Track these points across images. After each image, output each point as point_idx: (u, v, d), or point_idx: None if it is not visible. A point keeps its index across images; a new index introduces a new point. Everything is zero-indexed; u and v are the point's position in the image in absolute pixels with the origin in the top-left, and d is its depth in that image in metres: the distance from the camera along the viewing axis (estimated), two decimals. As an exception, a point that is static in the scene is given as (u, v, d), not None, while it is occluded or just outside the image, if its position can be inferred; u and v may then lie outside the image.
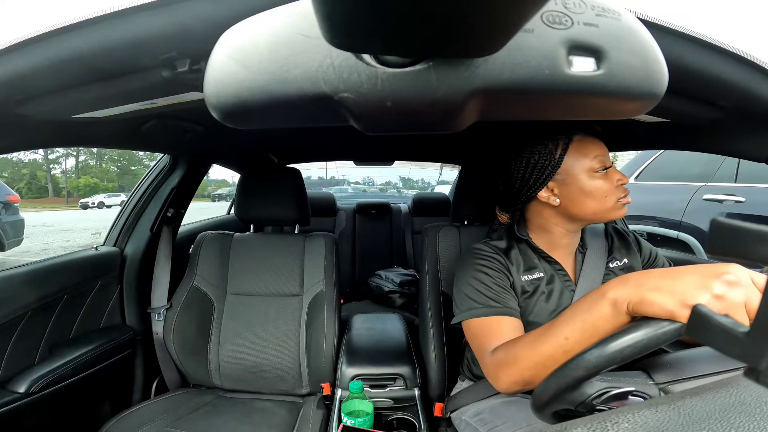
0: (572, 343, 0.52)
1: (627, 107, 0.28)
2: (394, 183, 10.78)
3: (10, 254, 4.60)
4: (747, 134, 0.64)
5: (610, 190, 0.70)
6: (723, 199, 2.47)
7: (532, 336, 0.58)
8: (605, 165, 0.71)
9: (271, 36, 0.26)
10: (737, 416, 0.21)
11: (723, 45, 0.48)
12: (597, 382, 0.46)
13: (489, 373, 0.64)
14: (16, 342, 0.89)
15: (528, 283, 0.75)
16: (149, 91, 0.57)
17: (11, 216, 4.30)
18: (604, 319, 0.48)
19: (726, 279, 0.40)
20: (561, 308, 0.73)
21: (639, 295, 0.44)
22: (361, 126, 0.29)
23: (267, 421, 0.98)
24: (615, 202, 0.70)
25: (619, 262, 0.79)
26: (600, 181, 0.70)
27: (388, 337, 1.16)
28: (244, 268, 1.20)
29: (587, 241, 0.79)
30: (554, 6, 0.25)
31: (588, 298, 0.51)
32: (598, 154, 0.71)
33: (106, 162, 16.10)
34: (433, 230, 1.07)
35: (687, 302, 0.39)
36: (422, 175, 11.03)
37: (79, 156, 15.59)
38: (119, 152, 19.40)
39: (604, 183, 0.70)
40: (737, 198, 2.40)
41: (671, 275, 0.43)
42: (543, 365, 0.55)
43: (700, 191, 2.63)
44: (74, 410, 1.01)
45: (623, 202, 0.71)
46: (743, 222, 0.25)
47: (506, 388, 0.60)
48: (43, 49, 0.46)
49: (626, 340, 0.41)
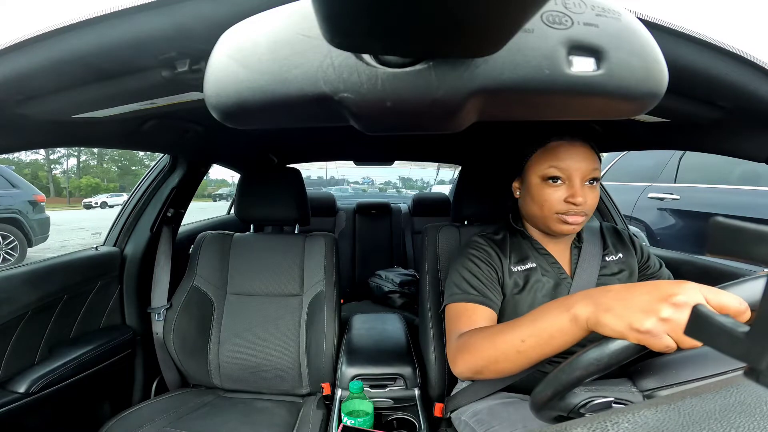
0: (527, 347, 0.53)
1: (627, 107, 0.28)
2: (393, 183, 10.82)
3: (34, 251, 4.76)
4: (747, 134, 0.64)
5: (551, 202, 0.70)
6: (663, 197, 2.84)
7: (495, 330, 0.59)
8: (556, 176, 0.70)
9: (271, 36, 0.26)
10: (737, 416, 0.21)
11: (723, 45, 0.47)
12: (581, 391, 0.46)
13: (450, 356, 0.66)
14: (16, 342, 0.89)
15: (520, 273, 0.77)
16: (149, 91, 0.57)
17: (38, 214, 4.57)
18: (562, 331, 0.49)
19: (674, 301, 0.40)
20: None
21: (596, 315, 0.45)
22: (361, 126, 0.29)
23: (267, 421, 0.98)
24: (553, 215, 0.71)
25: (614, 256, 0.80)
26: (545, 190, 0.71)
27: (388, 337, 1.16)
28: (244, 268, 1.20)
29: (583, 236, 0.80)
30: (554, 6, 0.25)
31: (553, 307, 0.52)
32: (556, 164, 0.69)
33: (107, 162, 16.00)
34: (433, 230, 1.07)
35: (634, 326, 0.41)
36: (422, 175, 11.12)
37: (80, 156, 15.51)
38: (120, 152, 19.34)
39: (549, 193, 0.70)
40: (674, 196, 2.76)
41: (624, 296, 0.44)
42: (496, 360, 0.57)
43: (646, 190, 3.02)
44: (74, 410, 1.01)
45: (563, 218, 0.70)
46: (743, 222, 0.25)
47: (460, 372, 0.63)
48: (43, 49, 0.46)
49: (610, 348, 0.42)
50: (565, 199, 0.69)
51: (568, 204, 0.69)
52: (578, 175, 0.69)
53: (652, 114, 0.66)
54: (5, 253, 4.35)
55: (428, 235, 1.07)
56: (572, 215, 0.69)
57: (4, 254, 4.34)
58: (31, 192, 4.57)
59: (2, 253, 4.34)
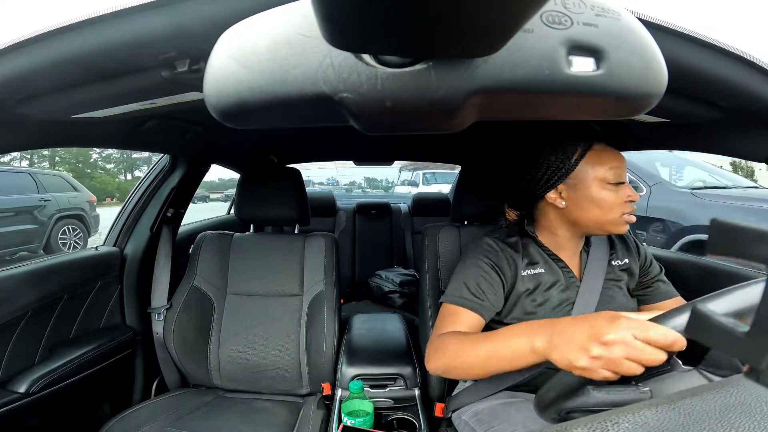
0: (491, 363, 0.60)
1: (626, 107, 0.28)
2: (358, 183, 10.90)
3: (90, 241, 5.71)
4: (746, 134, 0.64)
5: (616, 204, 0.72)
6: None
7: (468, 340, 0.65)
8: (619, 179, 0.72)
9: (270, 36, 0.26)
10: (737, 416, 0.21)
11: (723, 45, 0.47)
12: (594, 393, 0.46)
13: (427, 351, 0.72)
14: (16, 342, 0.89)
15: (530, 277, 0.77)
16: (149, 91, 0.57)
17: (93, 212, 5.80)
18: (524, 356, 0.55)
19: (604, 340, 0.44)
20: (565, 303, 0.76)
21: (548, 350, 0.51)
22: (361, 126, 0.29)
23: (267, 421, 0.98)
24: (618, 216, 0.72)
25: (620, 261, 0.81)
26: (609, 193, 0.72)
27: (388, 337, 1.16)
28: (244, 268, 1.20)
29: (591, 240, 0.82)
30: (554, 6, 0.25)
31: (520, 332, 0.57)
32: (615, 166, 0.72)
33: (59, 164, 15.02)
34: (433, 230, 1.07)
35: (573, 364, 0.46)
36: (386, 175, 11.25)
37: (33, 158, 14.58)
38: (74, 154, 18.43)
39: (613, 195, 0.72)
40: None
41: (567, 334, 0.49)
42: (462, 367, 0.65)
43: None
44: (74, 410, 1.01)
45: (626, 219, 0.72)
46: (743, 222, 0.25)
47: (431, 369, 0.71)
48: (43, 49, 0.46)
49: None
50: (628, 198, 0.72)
51: (629, 203, 0.72)
52: (626, 176, 0.73)
53: (651, 114, 0.66)
54: (74, 242, 5.42)
55: (428, 235, 1.07)
56: (631, 214, 0.73)
57: (74, 242, 5.42)
58: (86, 195, 5.81)
59: (73, 241, 5.41)
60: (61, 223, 5.28)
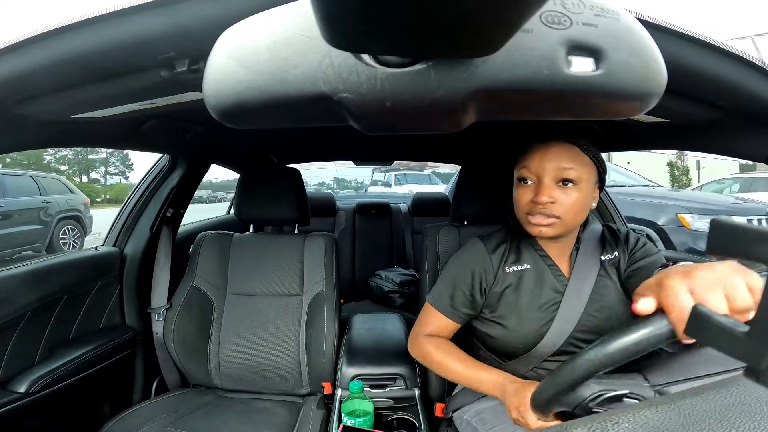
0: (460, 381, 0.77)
1: (626, 107, 0.28)
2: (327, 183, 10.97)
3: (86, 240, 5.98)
4: (746, 134, 0.64)
5: (521, 202, 0.73)
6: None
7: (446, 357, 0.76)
8: (525, 177, 0.72)
9: (270, 36, 0.26)
10: (737, 416, 0.21)
11: (723, 45, 0.47)
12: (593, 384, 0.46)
13: (411, 340, 0.83)
14: (16, 342, 0.89)
15: (512, 274, 0.78)
16: (149, 91, 0.57)
17: (87, 213, 6.12)
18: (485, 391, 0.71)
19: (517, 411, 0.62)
20: (552, 302, 0.74)
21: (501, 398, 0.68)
22: (361, 126, 0.29)
23: (267, 421, 0.98)
24: (523, 215, 0.73)
25: (610, 255, 0.79)
26: (518, 191, 0.74)
27: (388, 337, 1.16)
28: (244, 268, 1.20)
29: (582, 236, 0.80)
30: (553, 6, 0.25)
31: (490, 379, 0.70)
32: (526, 165, 0.71)
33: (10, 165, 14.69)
34: (433, 230, 1.07)
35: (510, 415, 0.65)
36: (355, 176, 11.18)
37: None
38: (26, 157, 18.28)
39: (520, 193, 0.73)
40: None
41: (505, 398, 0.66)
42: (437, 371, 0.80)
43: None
44: (74, 410, 1.01)
45: (530, 219, 0.71)
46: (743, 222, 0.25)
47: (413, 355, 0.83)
48: (43, 49, 0.46)
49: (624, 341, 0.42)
50: (531, 199, 0.70)
51: (532, 204, 0.70)
52: (547, 175, 0.69)
53: (651, 114, 0.66)
54: (73, 242, 5.73)
55: (428, 235, 1.07)
56: (536, 215, 0.70)
57: (73, 242, 5.72)
58: (82, 197, 6.15)
59: (72, 241, 5.71)
60: (62, 223, 5.55)
